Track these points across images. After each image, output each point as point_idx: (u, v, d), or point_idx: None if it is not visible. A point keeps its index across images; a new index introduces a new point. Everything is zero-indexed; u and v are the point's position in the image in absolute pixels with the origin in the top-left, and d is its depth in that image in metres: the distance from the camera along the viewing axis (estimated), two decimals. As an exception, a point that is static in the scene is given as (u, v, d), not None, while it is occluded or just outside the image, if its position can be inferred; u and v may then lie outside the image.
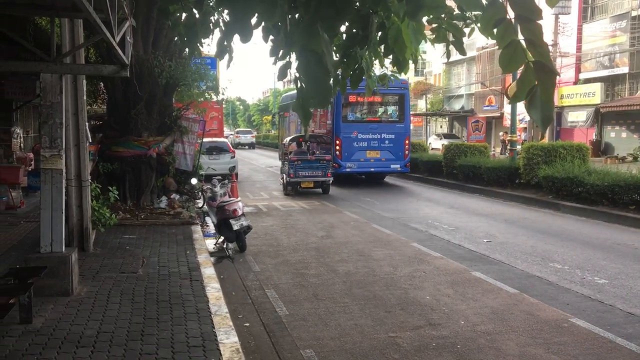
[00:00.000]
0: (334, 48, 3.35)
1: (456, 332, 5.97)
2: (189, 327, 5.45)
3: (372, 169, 20.75)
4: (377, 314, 6.52)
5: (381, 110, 21.39)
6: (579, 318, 6.35)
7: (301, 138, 19.88)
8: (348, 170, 20.19)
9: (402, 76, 5.52)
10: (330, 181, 18.71)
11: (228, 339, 5.17)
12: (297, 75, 2.26)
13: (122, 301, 6.26)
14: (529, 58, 2.02)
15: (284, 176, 18.76)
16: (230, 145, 23.48)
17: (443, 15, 3.35)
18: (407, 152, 20.82)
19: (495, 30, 2.09)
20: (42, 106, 6.86)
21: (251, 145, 57.49)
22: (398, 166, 20.70)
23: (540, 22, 1.98)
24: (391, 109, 21.30)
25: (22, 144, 16.31)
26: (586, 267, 8.59)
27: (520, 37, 2.05)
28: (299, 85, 2.31)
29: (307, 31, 2.11)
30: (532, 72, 1.99)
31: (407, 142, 20.88)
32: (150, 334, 5.29)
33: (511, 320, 6.33)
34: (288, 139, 20.58)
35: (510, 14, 2.12)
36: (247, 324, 6.22)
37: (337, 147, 20.24)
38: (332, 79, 2.43)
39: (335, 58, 3.18)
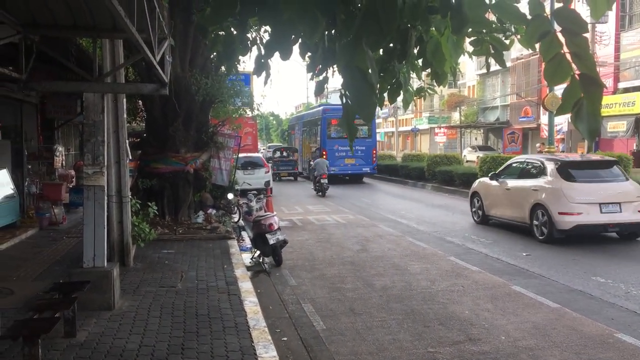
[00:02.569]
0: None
1: (497, 347, 5.87)
2: (228, 341, 5.50)
3: (349, 171, 28.49)
4: (416, 329, 6.46)
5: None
6: (624, 333, 6.18)
7: (283, 148, 34.30)
8: (332, 172, 25.43)
9: (438, 88, 5.55)
10: (298, 172, 31.62)
11: (267, 353, 5.19)
12: (343, 91, 2.28)
13: (162, 315, 6.35)
14: (574, 70, 2.00)
15: (271, 171, 27.10)
16: (264, 160, 23.83)
17: (484, 30, 3.35)
18: (374, 158, 28.74)
19: (538, 44, 2.08)
20: (85, 124, 7.06)
21: None
22: (368, 169, 28.53)
23: (586, 35, 1.97)
24: (362, 128, 27.26)
25: (63, 162, 16.75)
26: (630, 281, 8.35)
27: (564, 49, 2.03)
28: (344, 101, 2.33)
29: (352, 48, 2.13)
30: (577, 84, 1.97)
31: (374, 152, 28.73)
32: (190, 347, 5.35)
33: (554, 335, 6.19)
34: (273, 149, 38.67)
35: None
36: (285, 338, 6.23)
37: (324, 157, 26.44)
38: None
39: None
